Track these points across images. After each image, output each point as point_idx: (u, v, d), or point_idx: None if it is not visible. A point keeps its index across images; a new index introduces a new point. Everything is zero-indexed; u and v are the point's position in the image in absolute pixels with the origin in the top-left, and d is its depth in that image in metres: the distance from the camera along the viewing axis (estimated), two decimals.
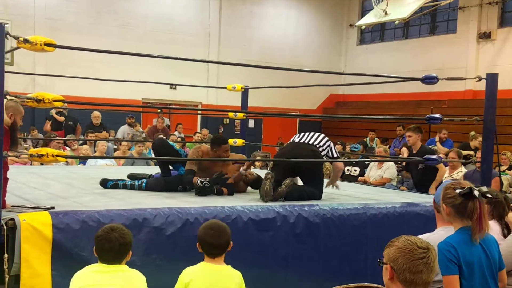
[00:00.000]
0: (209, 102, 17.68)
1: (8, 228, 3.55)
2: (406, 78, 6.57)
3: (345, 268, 4.79)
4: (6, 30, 3.62)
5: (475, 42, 16.84)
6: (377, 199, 5.57)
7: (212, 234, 3.29)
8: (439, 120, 5.35)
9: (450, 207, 3.01)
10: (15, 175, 6.02)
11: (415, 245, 2.41)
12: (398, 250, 2.41)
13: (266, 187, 4.97)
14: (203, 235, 3.31)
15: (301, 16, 19.89)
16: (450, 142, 12.24)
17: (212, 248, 3.30)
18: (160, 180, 5.62)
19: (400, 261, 2.38)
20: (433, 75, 5.44)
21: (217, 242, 3.29)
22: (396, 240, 2.46)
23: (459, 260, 2.86)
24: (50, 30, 14.47)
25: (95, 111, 13.00)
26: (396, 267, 2.39)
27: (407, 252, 2.39)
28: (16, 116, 4.07)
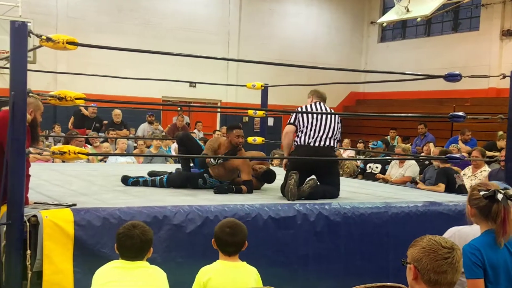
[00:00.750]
0: (229, 100, 17.70)
1: (31, 225, 3.58)
2: (428, 76, 6.49)
3: (366, 267, 4.74)
4: (29, 28, 3.65)
5: (498, 40, 16.62)
6: (399, 198, 5.53)
7: (228, 232, 3.29)
8: (462, 118, 5.28)
9: (475, 208, 2.98)
10: (38, 172, 6.09)
11: (439, 245, 2.36)
12: (422, 250, 2.37)
13: (291, 186, 4.94)
14: (219, 233, 3.32)
15: (321, 13, 19.80)
16: (474, 141, 12.08)
17: (227, 246, 3.30)
18: (181, 173, 5.69)
19: (424, 261, 2.34)
20: (456, 72, 5.36)
21: (232, 240, 3.30)
22: (420, 240, 2.43)
23: (484, 263, 2.81)
24: (72, 29, 14.59)
25: (116, 109, 13.08)
26: (420, 267, 2.35)
27: (431, 252, 2.35)
28: (36, 113, 4.10)
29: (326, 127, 5.39)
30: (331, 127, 5.42)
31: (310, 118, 5.39)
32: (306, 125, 5.37)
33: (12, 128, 3.57)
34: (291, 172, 5.06)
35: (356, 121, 18.93)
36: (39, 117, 4.16)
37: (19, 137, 3.59)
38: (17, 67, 3.61)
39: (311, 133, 5.36)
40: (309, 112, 5.45)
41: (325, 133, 5.39)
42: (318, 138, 5.36)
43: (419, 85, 16.24)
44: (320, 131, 5.37)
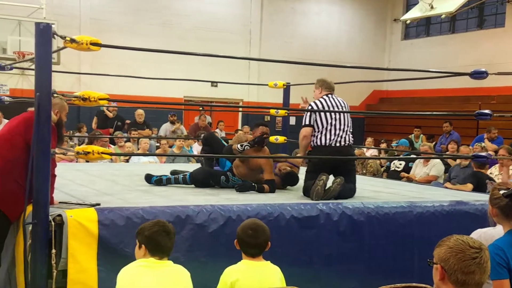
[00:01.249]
0: (251, 100, 17.70)
1: (56, 224, 3.62)
2: (454, 73, 6.41)
3: (391, 267, 4.70)
4: (53, 30, 3.68)
5: None
6: (424, 197, 5.46)
7: (250, 234, 3.29)
8: (489, 116, 5.18)
9: (496, 208, 2.95)
10: (62, 172, 6.13)
11: (467, 245, 2.32)
12: (449, 250, 2.33)
13: (318, 187, 4.91)
14: (241, 235, 3.31)
15: (344, 11, 19.69)
16: (500, 139, 11.90)
17: (250, 247, 3.30)
18: (204, 169, 5.69)
19: (452, 261, 2.30)
20: (482, 70, 5.28)
21: (254, 242, 3.29)
22: (447, 240, 2.38)
23: (509, 264, 2.77)
24: (95, 30, 14.71)
25: (138, 109, 13.17)
26: (447, 268, 2.31)
27: (459, 252, 2.31)
28: (62, 113, 4.15)
29: (344, 124, 5.34)
30: (347, 123, 5.38)
31: (328, 116, 5.30)
32: (324, 126, 5.29)
33: (37, 128, 3.61)
34: (321, 174, 5.00)
35: (379, 119, 18.79)
36: (64, 117, 4.20)
37: (44, 137, 3.64)
38: (42, 68, 3.65)
39: (330, 133, 5.29)
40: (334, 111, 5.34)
41: (343, 131, 5.33)
42: (338, 137, 5.30)
43: (444, 82, 16.04)
44: (339, 129, 5.31)
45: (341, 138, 5.30)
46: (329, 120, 5.30)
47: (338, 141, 5.29)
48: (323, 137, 5.29)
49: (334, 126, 5.30)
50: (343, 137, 5.31)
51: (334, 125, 5.29)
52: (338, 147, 5.28)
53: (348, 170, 5.36)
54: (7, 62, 11.02)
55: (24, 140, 3.93)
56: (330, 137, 5.29)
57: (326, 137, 5.28)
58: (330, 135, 5.28)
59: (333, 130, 5.29)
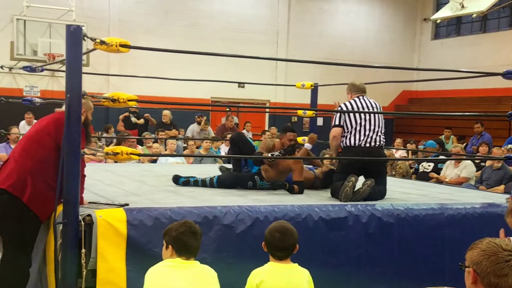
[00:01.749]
0: (278, 100, 17.67)
1: (86, 224, 3.65)
2: (485, 73, 6.29)
3: (421, 270, 4.62)
4: (83, 32, 3.73)
5: None
6: (455, 199, 5.37)
7: (278, 237, 3.26)
8: None
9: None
10: (91, 173, 6.18)
11: (500, 248, 2.27)
12: (481, 253, 2.28)
13: (347, 188, 4.87)
14: (269, 238, 3.28)
15: (372, 11, 19.54)
16: None
17: (278, 250, 3.28)
18: (231, 173, 5.69)
19: (484, 264, 2.25)
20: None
21: (282, 245, 3.26)
22: (479, 243, 2.33)
23: None
24: (122, 32, 14.87)
25: (164, 110, 13.25)
26: (479, 271, 2.26)
27: (492, 255, 2.25)
28: (88, 112, 4.18)
29: (374, 125, 5.27)
30: (378, 123, 5.30)
31: (358, 117, 5.26)
32: (354, 126, 5.24)
33: (68, 129, 3.64)
34: (350, 175, 4.96)
35: (408, 120, 18.59)
36: (90, 116, 4.25)
37: (74, 138, 3.67)
38: (73, 70, 3.69)
39: (360, 133, 5.23)
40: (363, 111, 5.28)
41: (373, 132, 5.26)
42: (367, 138, 5.24)
43: (475, 83, 15.79)
44: (368, 130, 5.24)
45: (371, 139, 5.24)
46: (358, 120, 5.25)
47: (368, 141, 5.23)
48: (352, 138, 5.24)
49: (364, 126, 5.24)
50: (373, 138, 5.25)
51: (363, 125, 5.24)
52: (368, 148, 5.22)
53: (379, 171, 5.31)
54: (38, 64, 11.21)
55: (54, 140, 3.97)
56: (359, 138, 5.23)
57: (356, 138, 5.23)
58: (359, 136, 5.23)
59: (362, 130, 5.24)
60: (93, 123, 14.66)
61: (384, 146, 5.43)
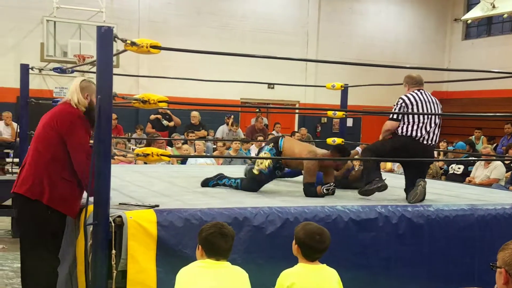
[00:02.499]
0: (307, 101, 17.63)
1: (116, 225, 3.66)
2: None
3: (451, 271, 4.58)
4: (114, 33, 3.73)
5: None
6: (485, 200, 5.30)
7: (318, 240, 3.27)
8: None
9: None
10: (122, 174, 6.28)
11: None
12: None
13: (418, 193, 4.88)
14: (307, 240, 3.28)
15: (402, 11, 19.37)
16: None
17: (317, 253, 3.29)
18: (252, 181, 5.43)
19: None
20: None
21: (322, 247, 3.28)
22: (511, 243, 2.31)
23: None
24: (153, 33, 14.99)
25: (193, 111, 13.31)
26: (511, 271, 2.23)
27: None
28: (92, 96, 4.09)
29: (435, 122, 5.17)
30: (437, 120, 5.19)
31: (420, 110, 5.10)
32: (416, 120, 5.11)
33: (99, 130, 3.67)
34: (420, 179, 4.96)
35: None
36: (95, 99, 4.04)
37: (105, 139, 3.70)
38: (103, 71, 3.70)
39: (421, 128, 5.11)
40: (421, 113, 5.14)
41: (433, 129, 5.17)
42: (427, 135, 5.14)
43: (505, 83, 15.50)
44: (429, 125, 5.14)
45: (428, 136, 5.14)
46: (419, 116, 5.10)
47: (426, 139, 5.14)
48: (410, 129, 5.11)
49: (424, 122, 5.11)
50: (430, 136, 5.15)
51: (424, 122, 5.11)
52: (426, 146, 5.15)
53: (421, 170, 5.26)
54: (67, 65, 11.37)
55: (58, 134, 3.95)
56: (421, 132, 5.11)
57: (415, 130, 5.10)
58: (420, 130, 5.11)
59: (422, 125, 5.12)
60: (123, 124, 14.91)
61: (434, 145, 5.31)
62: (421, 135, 5.12)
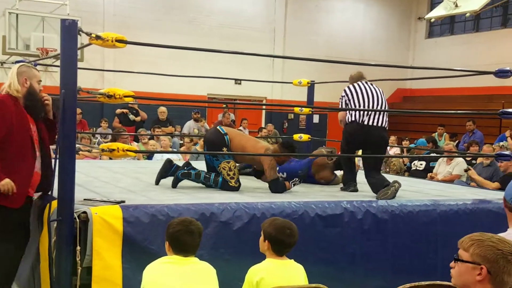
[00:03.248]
0: (274, 97, 17.68)
1: (81, 221, 3.62)
2: (478, 72, 6.34)
3: (415, 265, 4.67)
4: (78, 26, 3.68)
5: None
6: (447, 196, 5.42)
7: (289, 234, 3.29)
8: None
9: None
10: (87, 169, 6.20)
11: (510, 246, 2.27)
12: (498, 252, 2.21)
13: (389, 192, 4.97)
14: (278, 235, 3.29)
15: (368, 9, 19.57)
16: None
17: (287, 247, 3.31)
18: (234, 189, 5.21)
19: (501, 263, 2.19)
20: (507, 68, 5.25)
21: (292, 241, 3.31)
22: (487, 239, 2.28)
23: None
24: (118, 27, 14.80)
25: (161, 107, 13.21)
26: (494, 269, 2.22)
27: (509, 254, 2.23)
28: (32, 80, 3.94)
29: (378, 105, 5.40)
30: (380, 104, 5.43)
31: (360, 98, 5.39)
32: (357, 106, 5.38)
33: (63, 126, 3.62)
34: (395, 181, 5.10)
35: (403, 117, 18.62)
36: (37, 84, 3.97)
37: (69, 135, 3.65)
38: (68, 65, 3.66)
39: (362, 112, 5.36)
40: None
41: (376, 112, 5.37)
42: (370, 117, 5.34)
43: (467, 81, 15.90)
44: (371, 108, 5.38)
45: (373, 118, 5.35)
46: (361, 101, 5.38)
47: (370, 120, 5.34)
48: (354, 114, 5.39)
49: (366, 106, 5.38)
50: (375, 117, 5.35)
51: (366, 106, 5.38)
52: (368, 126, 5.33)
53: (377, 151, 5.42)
54: (30, 58, 11.14)
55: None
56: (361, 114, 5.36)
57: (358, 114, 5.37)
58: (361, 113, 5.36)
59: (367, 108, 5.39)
60: (88, 119, 14.67)
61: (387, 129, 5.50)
62: (362, 118, 5.34)
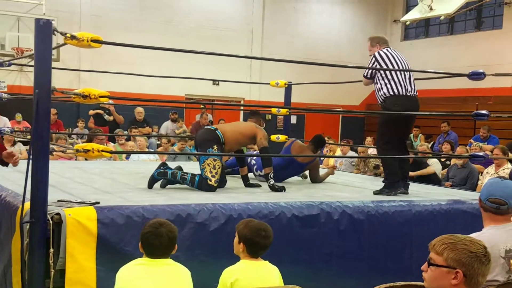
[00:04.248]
0: (252, 98, 17.69)
1: (54, 223, 3.56)
2: (452, 74, 6.44)
3: (390, 265, 4.69)
4: (53, 26, 3.64)
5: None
6: (422, 196, 5.46)
7: (264, 235, 3.28)
8: (486, 116, 5.19)
9: None
10: (61, 170, 6.13)
11: (484, 248, 2.27)
12: (472, 255, 2.23)
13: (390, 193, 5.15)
14: (253, 236, 3.28)
15: (345, 12, 19.69)
16: (495, 139, 11.95)
17: (262, 248, 3.30)
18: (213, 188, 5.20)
19: (476, 265, 2.23)
20: (480, 71, 5.33)
21: (267, 242, 3.30)
22: (462, 244, 2.30)
23: None
24: (95, 27, 14.69)
25: (138, 107, 13.14)
26: (469, 272, 2.25)
27: (482, 256, 2.25)
28: None
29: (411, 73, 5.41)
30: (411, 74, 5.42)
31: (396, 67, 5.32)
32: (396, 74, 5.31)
33: (36, 126, 3.57)
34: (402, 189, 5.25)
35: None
36: None
37: (42, 135, 3.59)
38: (42, 65, 3.60)
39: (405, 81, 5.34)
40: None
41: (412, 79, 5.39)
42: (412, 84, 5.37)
43: (442, 83, 15.98)
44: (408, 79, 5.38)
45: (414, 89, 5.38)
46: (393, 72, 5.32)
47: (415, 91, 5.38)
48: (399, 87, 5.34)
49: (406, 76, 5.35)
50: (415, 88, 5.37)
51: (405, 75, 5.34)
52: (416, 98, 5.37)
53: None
54: (5, 58, 11.02)
55: None
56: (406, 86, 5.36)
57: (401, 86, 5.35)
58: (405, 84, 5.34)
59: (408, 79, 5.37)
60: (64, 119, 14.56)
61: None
62: (406, 88, 5.35)
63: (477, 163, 9.19)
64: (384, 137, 5.53)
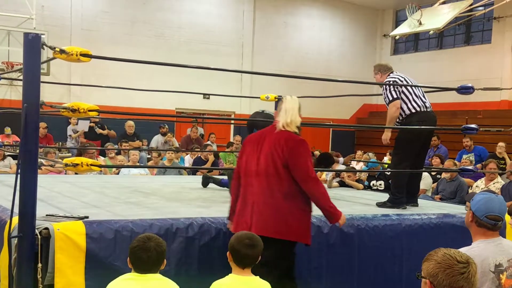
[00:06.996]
0: (242, 112, 17.71)
1: (42, 238, 3.54)
2: (441, 89, 6.50)
3: (380, 279, 4.70)
4: (42, 40, 3.63)
5: (510, 52, 16.59)
6: (412, 210, 5.47)
7: (247, 243, 3.27)
8: (475, 130, 5.24)
9: None
10: (51, 184, 6.10)
11: (455, 260, 2.32)
12: (437, 266, 2.33)
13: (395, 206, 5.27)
14: (237, 246, 3.28)
15: (334, 26, 19.82)
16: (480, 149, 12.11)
17: (246, 258, 3.27)
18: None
19: (440, 276, 2.30)
20: (469, 85, 5.37)
21: (251, 252, 3.27)
22: (435, 254, 2.38)
23: None
24: (86, 41, 14.68)
25: (128, 121, 13.12)
26: (436, 283, 2.31)
27: (447, 268, 2.31)
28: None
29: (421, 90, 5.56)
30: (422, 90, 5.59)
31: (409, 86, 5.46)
32: (412, 93, 5.46)
33: (25, 140, 3.55)
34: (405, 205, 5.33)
35: (369, 133, 18.85)
36: None
37: (31, 149, 3.58)
38: (30, 79, 3.59)
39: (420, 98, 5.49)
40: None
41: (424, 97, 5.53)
42: (427, 99, 5.53)
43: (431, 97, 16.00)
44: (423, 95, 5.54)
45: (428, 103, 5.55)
46: (410, 89, 5.48)
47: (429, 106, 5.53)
48: (414, 103, 5.49)
49: (417, 93, 5.50)
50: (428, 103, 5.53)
51: (417, 93, 5.49)
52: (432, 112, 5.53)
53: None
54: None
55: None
56: (422, 102, 5.51)
57: (419, 102, 5.50)
58: (422, 99, 5.51)
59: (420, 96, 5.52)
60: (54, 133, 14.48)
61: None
62: (425, 104, 5.51)
63: (467, 177, 9.24)
64: (400, 153, 5.65)
